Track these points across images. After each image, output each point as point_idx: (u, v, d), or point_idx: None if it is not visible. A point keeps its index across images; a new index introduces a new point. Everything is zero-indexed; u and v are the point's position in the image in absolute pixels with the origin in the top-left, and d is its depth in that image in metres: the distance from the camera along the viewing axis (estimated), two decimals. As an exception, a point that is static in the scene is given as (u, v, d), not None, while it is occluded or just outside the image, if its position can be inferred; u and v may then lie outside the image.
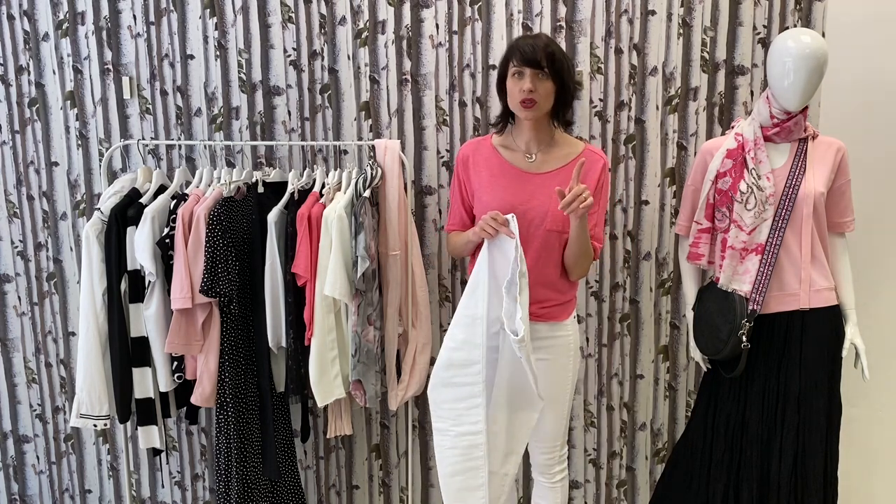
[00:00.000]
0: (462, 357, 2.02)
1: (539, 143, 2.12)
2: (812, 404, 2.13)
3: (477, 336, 2.00)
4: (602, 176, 2.11)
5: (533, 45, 1.99)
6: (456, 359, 2.03)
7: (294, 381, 2.34)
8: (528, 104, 2.00)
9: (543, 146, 2.12)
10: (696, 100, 2.58)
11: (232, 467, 2.35)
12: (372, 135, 2.61)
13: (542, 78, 2.00)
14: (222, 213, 2.24)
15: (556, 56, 2.00)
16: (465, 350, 2.02)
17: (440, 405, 2.08)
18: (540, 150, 2.12)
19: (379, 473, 2.83)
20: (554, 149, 2.12)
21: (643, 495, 2.84)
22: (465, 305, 2.04)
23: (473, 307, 2.01)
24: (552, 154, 2.12)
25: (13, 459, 2.87)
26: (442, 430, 2.09)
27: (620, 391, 2.77)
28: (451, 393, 2.05)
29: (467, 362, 2.02)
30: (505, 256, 2.00)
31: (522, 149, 2.13)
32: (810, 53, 2.02)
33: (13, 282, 2.75)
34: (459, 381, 2.03)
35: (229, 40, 2.58)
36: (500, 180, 2.11)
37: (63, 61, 2.61)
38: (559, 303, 2.13)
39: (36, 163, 2.67)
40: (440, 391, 2.07)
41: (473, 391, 2.03)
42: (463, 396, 2.04)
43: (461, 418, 2.05)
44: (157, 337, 2.30)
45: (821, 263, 2.15)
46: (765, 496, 2.18)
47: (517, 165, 2.11)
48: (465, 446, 2.06)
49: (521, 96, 2.00)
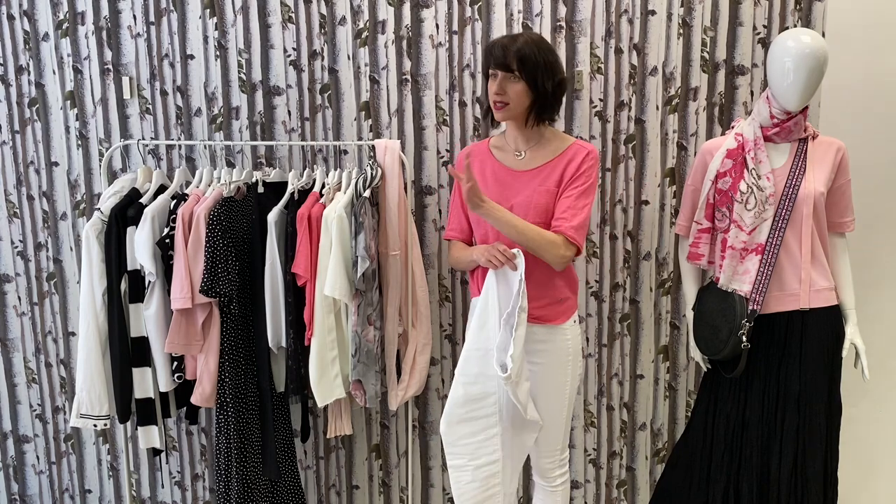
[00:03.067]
0: (478, 391, 2.04)
1: (526, 141, 2.13)
2: (812, 404, 2.13)
3: (491, 368, 2.01)
4: (583, 164, 2.06)
5: (505, 46, 2.00)
6: (473, 393, 2.05)
7: (294, 381, 2.34)
8: (499, 106, 2.03)
9: (532, 144, 2.13)
10: (696, 100, 2.58)
11: (232, 467, 2.35)
12: (372, 135, 2.61)
13: (514, 80, 2.00)
14: (222, 213, 2.24)
15: (529, 58, 1.99)
16: (480, 383, 2.04)
17: (455, 443, 2.09)
18: (528, 147, 2.13)
19: (379, 473, 2.83)
20: (543, 145, 2.12)
21: (643, 495, 2.84)
22: (475, 339, 2.04)
23: (486, 340, 2.03)
24: (541, 151, 2.12)
25: (13, 459, 2.87)
26: (459, 467, 2.10)
27: (620, 391, 2.77)
28: (468, 428, 2.07)
29: (483, 395, 2.04)
30: (509, 288, 2.02)
31: (512, 147, 2.15)
32: (810, 53, 2.02)
33: (13, 282, 2.75)
34: (477, 415, 2.06)
35: (229, 40, 2.58)
36: (491, 181, 2.13)
37: (63, 61, 2.61)
38: (553, 301, 2.12)
39: (36, 163, 2.67)
40: (455, 429, 2.07)
41: (490, 422, 2.06)
42: (480, 429, 2.06)
43: (478, 451, 2.08)
44: (157, 337, 2.30)
45: (821, 263, 2.15)
46: (765, 496, 2.18)
47: (507, 165, 2.13)
48: (484, 477, 2.09)
49: (492, 98, 2.04)
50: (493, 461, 2.08)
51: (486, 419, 2.06)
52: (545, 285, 2.10)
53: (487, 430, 2.06)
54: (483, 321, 2.05)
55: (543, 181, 2.08)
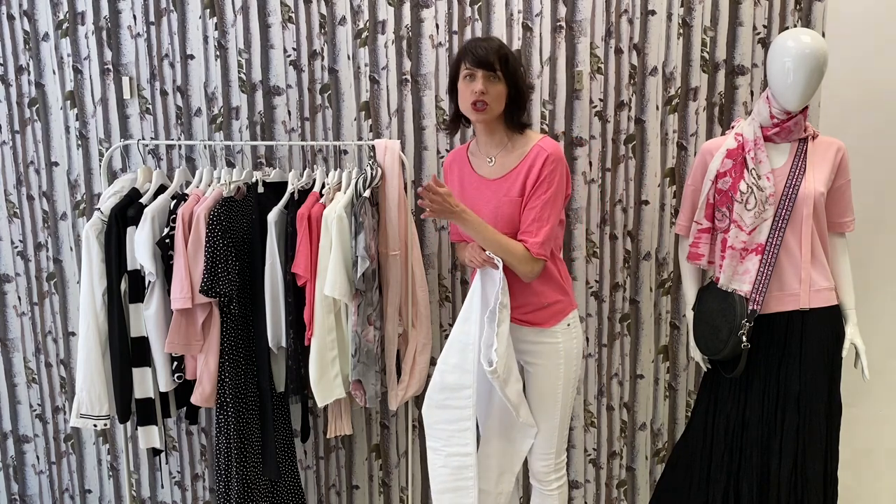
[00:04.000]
0: (454, 381, 2.07)
1: (496, 147, 2.11)
2: (812, 404, 2.13)
3: (468, 362, 2.05)
4: (544, 170, 2.00)
5: (486, 47, 1.99)
6: (448, 382, 2.08)
7: (294, 381, 2.34)
8: (480, 107, 1.99)
9: (500, 149, 2.11)
10: (696, 100, 2.58)
11: (232, 467, 2.35)
12: (372, 135, 2.61)
13: (494, 80, 1.99)
14: (222, 213, 2.24)
15: (510, 59, 2.01)
16: (456, 374, 2.07)
17: (433, 425, 2.13)
18: (498, 153, 2.11)
19: (379, 473, 2.83)
20: (510, 150, 2.10)
21: (643, 495, 2.84)
22: (459, 331, 2.09)
23: (466, 334, 2.07)
24: (508, 157, 2.09)
25: (13, 459, 2.87)
26: (434, 449, 2.15)
27: (620, 391, 2.77)
28: (444, 415, 2.11)
29: (459, 386, 2.07)
30: (493, 284, 2.05)
31: (483, 153, 2.14)
32: (810, 53, 2.02)
33: (13, 282, 2.75)
34: (451, 405, 2.09)
35: (229, 40, 2.58)
36: (468, 189, 2.15)
37: (63, 61, 2.61)
38: (539, 307, 2.11)
39: (36, 163, 2.67)
40: (433, 412, 2.12)
41: (463, 414, 2.08)
42: (454, 419, 2.09)
43: (452, 439, 2.11)
44: (157, 337, 2.30)
45: (821, 263, 2.15)
46: (765, 496, 2.17)
47: (479, 172, 2.14)
48: (455, 466, 2.12)
49: (472, 98, 1.99)
50: (464, 453, 2.10)
51: (460, 410, 2.08)
52: (525, 292, 2.10)
53: (461, 421, 2.08)
54: (467, 315, 2.08)
55: (508, 191, 2.06)
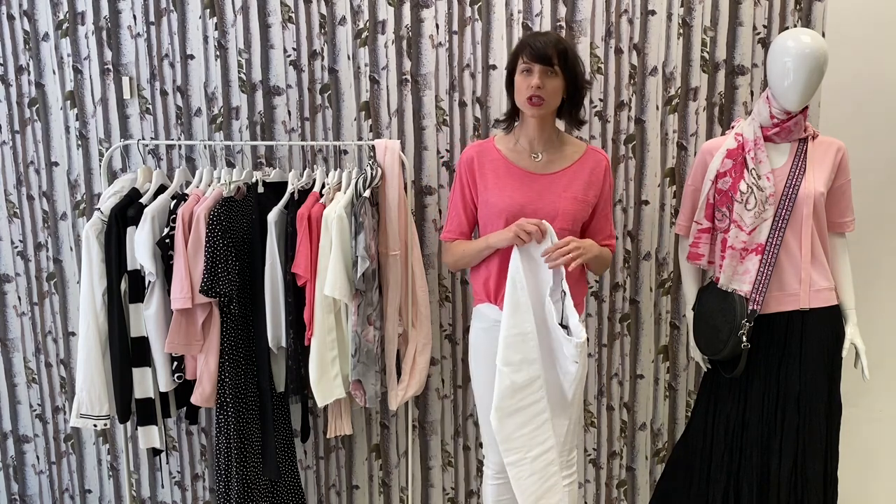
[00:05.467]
0: (524, 378, 2.01)
1: (544, 143, 2.10)
2: (812, 404, 2.13)
3: (532, 351, 2.00)
4: (607, 176, 2.14)
5: (544, 41, 1.97)
6: (519, 381, 2.02)
7: (294, 381, 2.34)
8: (536, 101, 1.98)
9: (548, 145, 2.10)
10: (696, 100, 2.58)
11: (232, 467, 2.35)
12: (372, 135, 2.61)
13: (552, 75, 1.98)
14: (222, 213, 2.24)
15: (568, 53, 2.00)
16: (524, 370, 2.01)
17: (511, 438, 2.04)
18: (545, 149, 2.10)
19: (379, 473, 2.83)
20: (558, 148, 2.11)
21: (643, 495, 2.84)
22: (510, 325, 2.01)
23: (521, 325, 2.00)
24: (557, 154, 2.10)
25: (13, 459, 2.87)
26: (516, 463, 2.06)
27: (620, 391, 2.77)
28: (517, 419, 2.03)
29: (530, 380, 2.02)
30: (537, 263, 2.01)
31: (527, 148, 2.11)
32: (810, 53, 2.02)
33: (13, 282, 2.75)
34: (524, 404, 2.03)
35: (229, 40, 2.58)
36: (507, 181, 2.09)
37: (63, 61, 2.61)
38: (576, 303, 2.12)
39: (36, 163, 2.67)
40: (506, 423, 2.03)
41: (539, 408, 2.03)
42: (530, 417, 2.03)
43: (533, 440, 2.04)
44: (157, 337, 2.30)
45: (821, 263, 2.15)
46: (765, 496, 2.18)
47: (522, 166, 2.10)
48: (542, 467, 2.06)
49: (528, 92, 1.98)
50: (547, 448, 2.05)
51: (535, 405, 2.02)
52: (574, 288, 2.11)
53: (538, 416, 2.03)
54: (515, 305, 2.00)
55: (567, 187, 2.06)
